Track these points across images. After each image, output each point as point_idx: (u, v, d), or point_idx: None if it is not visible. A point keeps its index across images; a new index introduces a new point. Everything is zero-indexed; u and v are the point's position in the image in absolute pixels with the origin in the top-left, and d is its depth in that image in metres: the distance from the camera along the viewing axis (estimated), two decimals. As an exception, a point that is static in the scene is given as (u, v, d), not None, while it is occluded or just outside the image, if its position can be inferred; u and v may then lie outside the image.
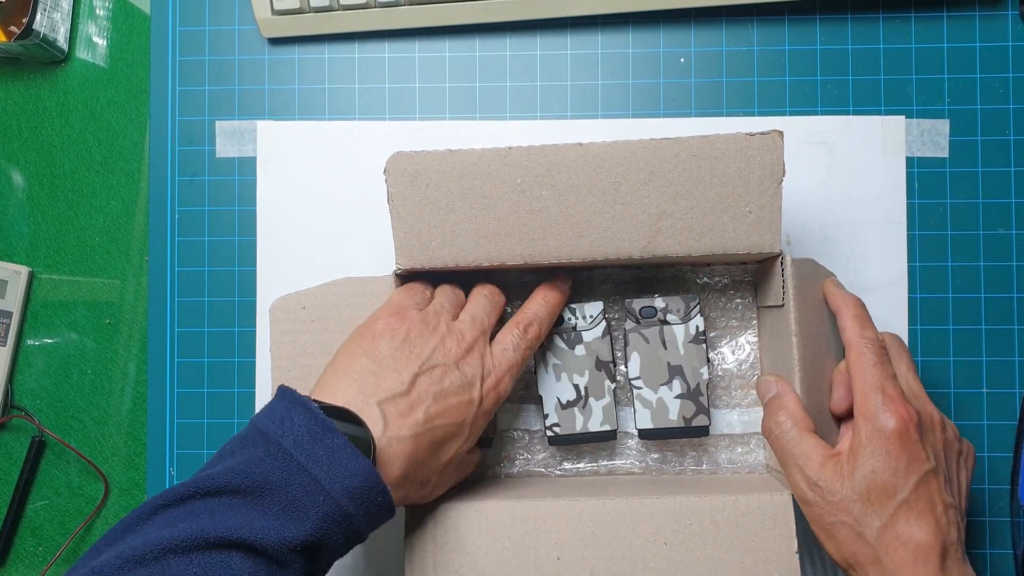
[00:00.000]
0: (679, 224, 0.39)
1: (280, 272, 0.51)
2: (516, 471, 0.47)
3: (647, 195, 0.39)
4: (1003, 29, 0.50)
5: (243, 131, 0.51)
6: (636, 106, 0.50)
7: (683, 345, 0.44)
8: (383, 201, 0.47)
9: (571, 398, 0.44)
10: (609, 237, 0.39)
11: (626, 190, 0.39)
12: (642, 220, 0.39)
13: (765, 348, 0.46)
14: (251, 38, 0.52)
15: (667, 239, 0.39)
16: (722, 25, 0.50)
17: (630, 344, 0.44)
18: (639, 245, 0.39)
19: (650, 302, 0.44)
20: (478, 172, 0.39)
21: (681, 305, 0.44)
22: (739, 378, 0.47)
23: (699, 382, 0.44)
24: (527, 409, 0.47)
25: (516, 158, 0.39)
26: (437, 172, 0.40)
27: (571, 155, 0.39)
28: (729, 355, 0.47)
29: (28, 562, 0.54)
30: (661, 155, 0.39)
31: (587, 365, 0.44)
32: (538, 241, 0.40)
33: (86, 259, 0.54)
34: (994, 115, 0.49)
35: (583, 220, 0.39)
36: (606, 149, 0.39)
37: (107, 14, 0.54)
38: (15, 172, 0.54)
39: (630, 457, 0.47)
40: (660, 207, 0.39)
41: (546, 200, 0.39)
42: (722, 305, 0.47)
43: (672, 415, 0.44)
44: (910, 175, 0.49)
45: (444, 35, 0.51)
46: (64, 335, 0.54)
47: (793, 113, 0.50)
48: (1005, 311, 0.49)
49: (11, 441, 0.54)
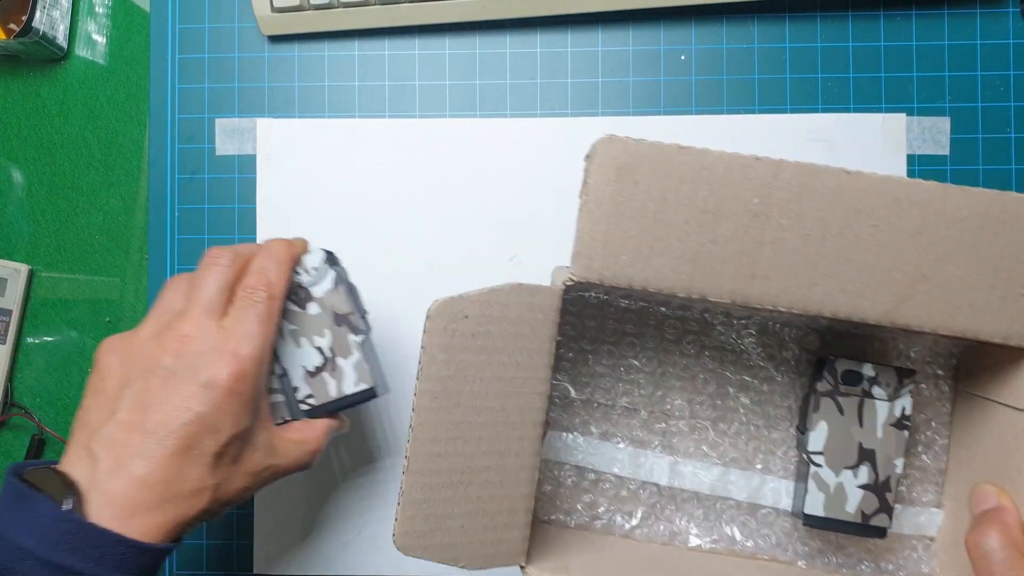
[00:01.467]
0: (936, 294, 0.32)
1: (280, 270, 0.51)
2: (617, 527, 0.41)
3: (909, 251, 0.32)
4: (1004, 26, 0.50)
5: (243, 129, 0.51)
6: (636, 104, 0.50)
7: (883, 427, 0.37)
8: (383, 199, 0.47)
9: (317, 363, 0.39)
10: (848, 292, 0.32)
11: (886, 240, 0.32)
12: (894, 280, 0.32)
13: (961, 444, 0.39)
14: (251, 36, 0.52)
15: (916, 308, 0.32)
16: (723, 23, 0.50)
17: (819, 411, 0.38)
18: (880, 309, 0.32)
19: (857, 367, 0.37)
20: (707, 179, 0.32)
21: (893, 379, 0.37)
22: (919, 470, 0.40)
23: (890, 475, 0.37)
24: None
25: (761, 172, 0.32)
26: (654, 170, 0.32)
27: (831, 182, 0.32)
28: None
29: (28, 560, 0.54)
30: (941, 206, 0.32)
31: (325, 323, 0.39)
32: (759, 279, 0.32)
33: (86, 257, 0.53)
34: (995, 113, 0.49)
35: (822, 265, 0.32)
36: (877, 184, 0.32)
37: (106, 12, 0.54)
38: (14, 170, 0.54)
39: (773, 537, 0.41)
40: (920, 268, 0.32)
41: (784, 231, 0.32)
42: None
43: (850, 507, 0.37)
44: (911, 173, 0.49)
45: (444, 32, 0.51)
46: (64, 333, 0.54)
47: (794, 110, 0.50)
48: (1006, 309, 0.49)
49: (11, 439, 0.54)
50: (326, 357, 0.39)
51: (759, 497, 0.41)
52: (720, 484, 0.41)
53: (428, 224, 0.50)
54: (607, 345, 0.42)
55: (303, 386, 0.39)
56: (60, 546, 0.31)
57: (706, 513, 0.42)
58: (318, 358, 0.39)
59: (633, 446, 0.42)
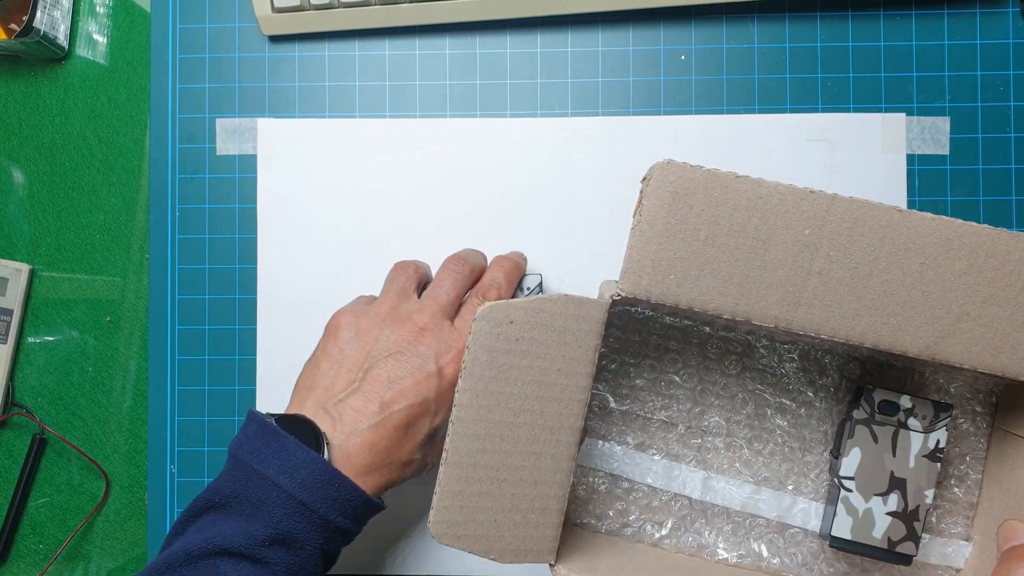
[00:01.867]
0: (978, 332, 0.33)
1: (281, 269, 0.51)
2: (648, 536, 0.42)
3: (955, 289, 0.33)
4: (1004, 26, 0.50)
5: (243, 128, 0.51)
6: (637, 103, 0.50)
7: (915, 458, 0.38)
8: (384, 199, 0.47)
9: None
10: (890, 325, 0.33)
11: (932, 277, 0.33)
12: (937, 316, 0.33)
13: (994, 480, 0.40)
14: (251, 36, 0.52)
15: (957, 345, 0.33)
16: (723, 22, 0.50)
17: (854, 437, 0.38)
18: (921, 343, 0.33)
19: (895, 398, 0.38)
20: (760, 208, 0.33)
21: (930, 412, 0.38)
22: (950, 502, 0.41)
23: (920, 504, 0.38)
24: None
25: (814, 205, 0.33)
26: (709, 196, 0.33)
27: (884, 219, 0.33)
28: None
29: (29, 560, 0.54)
30: (991, 248, 0.33)
31: None
32: (803, 307, 0.33)
33: (87, 257, 0.54)
34: (995, 112, 0.49)
35: (866, 298, 0.33)
36: (928, 224, 0.33)
37: (107, 12, 0.54)
38: (15, 170, 0.54)
39: (799, 556, 0.41)
40: (964, 307, 0.33)
41: (832, 263, 0.33)
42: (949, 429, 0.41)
43: (877, 532, 0.38)
44: (911, 172, 0.49)
45: (444, 32, 0.51)
46: (65, 333, 0.54)
47: (794, 110, 0.50)
48: (1005, 308, 0.49)
49: (12, 439, 0.54)
50: None
51: (788, 517, 0.42)
52: (751, 502, 0.42)
53: (429, 224, 0.50)
54: (649, 359, 0.43)
55: None
56: (307, 486, 0.35)
57: (735, 529, 0.42)
58: None
59: (668, 459, 0.42)
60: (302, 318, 0.51)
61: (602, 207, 0.50)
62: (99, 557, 0.54)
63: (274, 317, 0.51)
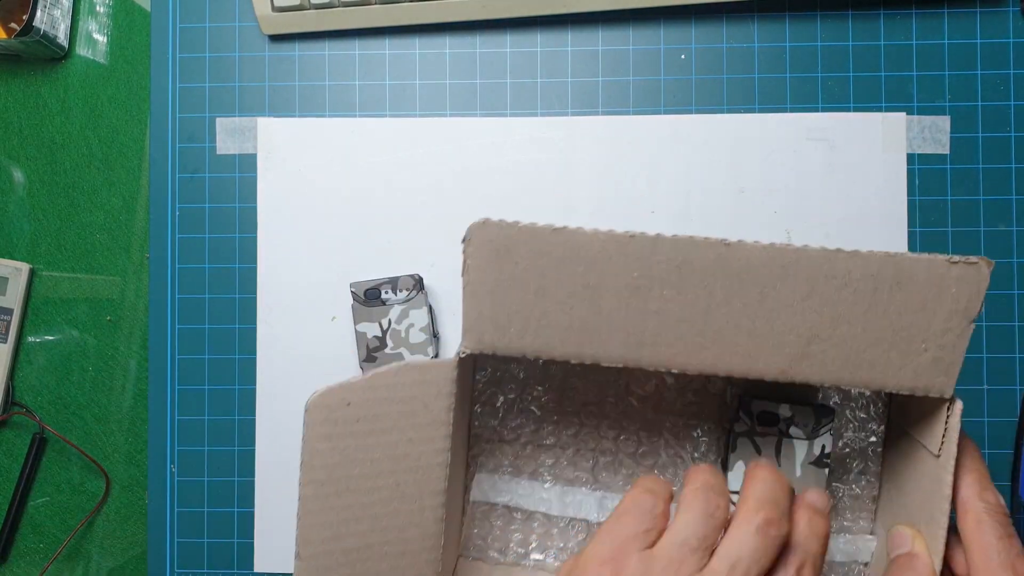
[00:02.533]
0: (832, 352, 0.33)
1: (281, 269, 0.51)
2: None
3: (799, 313, 0.33)
4: (1004, 25, 0.50)
5: (243, 128, 0.51)
6: (637, 103, 0.50)
7: (802, 466, 0.38)
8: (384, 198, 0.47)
9: None
10: (740, 354, 0.33)
11: (774, 304, 0.33)
12: (787, 341, 0.33)
13: (891, 477, 0.40)
14: (251, 35, 0.52)
15: (813, 366, 0.33)
16: (723, 22, 0.50)
17: (737, 451, 0.38)
18: (776, 368, 0.33)
19: (774, 408, 0.38)
20: (585, 259, 0.33)
21: (811, 419, 0.38)
22: (851, 498, 0.41)
23: None
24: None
25: (638, 250, 0.32)
26: (532, 250, 0.33)
27: (711, 255, 0.32)
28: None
29: (29, 559, 0.54)
30: (829, 269, 0.32)
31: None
32: (647, 347, 0.33)
33: (87, 256, 0.54)
34: (995, 112, 0.49)
35: (710, 331, 0.33)
36: (759, 253, 0.32)
37: (107, 11, 0.54)
38: (15, 169, 0.54)
39: None
40: (813, 330, 0.33)
41: (667, 302, 0.33)
42: (845, 424, 0.41)
43: None
44: (911, 172, 0.49)
45: (444, 31, 0.51)
46: (65, 332, 0.54)
47: (794, 109, 0.50)
48: (1006, 308, 0.49)
49: (12, 438, 0.54)
50: None
51: None
52: None
53: (429, 223, 0.50)
54: (536, 387, 0.42)
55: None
56: None
57: None
58: None
59: (561, 484, 0.42)
60: (302, 317, 0.51)
61: (602, 206, 0.50)
62: (99, 556, 0.54)
63: (274, 316, 0.51)
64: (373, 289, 0.48)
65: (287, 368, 0.50)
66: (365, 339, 0.48)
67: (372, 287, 0.48)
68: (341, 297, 0.50)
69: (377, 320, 0.48)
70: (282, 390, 0.51)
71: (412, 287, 0.48)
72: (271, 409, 0.51)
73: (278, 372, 0.51)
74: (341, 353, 0.50)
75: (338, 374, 0.50)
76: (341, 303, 0.50)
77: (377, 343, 0.48)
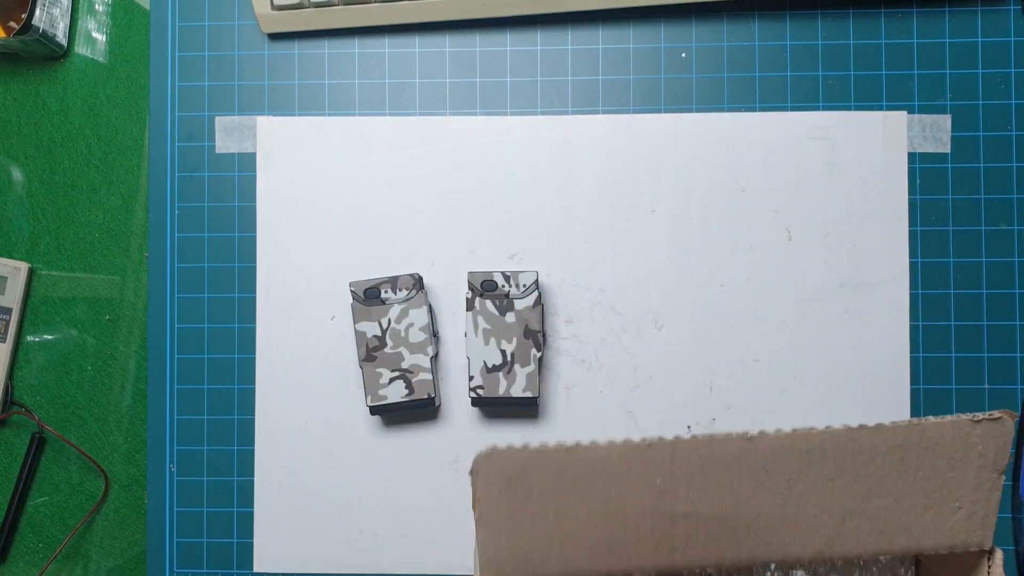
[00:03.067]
0: (867, 525, 0.33)
1: (280, 268, 0.51)
2: None
3: (830, 494, 0.33)
4: (1005, 24, 0.49)
5: (243, 127, 0.51)
6: (637, 101, 0.50)
7: None
8: (383, 197, 0.47)
9: (497, 363, 0.47)
10: (775, 544, 0.33)
11: (802, 489, 0.32)
12: (821, 522, 0.33)
13: None
14: (251, 34, 0.52)
15: (850, 542, 0.33)
16: (723, 20, 0.50)
17: None
18: (813, 550, 0.33)
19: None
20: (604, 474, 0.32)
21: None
22: None
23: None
24: None
25: (658, 456, 0.32)
26: (546, 473, 0.32)
27: (734, 449, 0.32)
28: None
29: (29, 558, 0.54)
30: (854, 448, 0.32)
31: (516, 332, 0.47)
32: (679, 551, 0.32)
33: (86, 255, 0.53)
34: (996, 111, 0.49)
35: (742, 525, 0.32)
36: (782, 442, 0.32)
37: (106, 10, 0.54)
38: (15, 168, 0.54)
39: None
40: (846, 507, 0.33)
41: (695, 503, 0.32)
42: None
43: None
44: (912, 171, 0.49)
45: (444, 30, 0.51)
46: (64, 331, 0.54)
47: (794, 108, 0.50)
48: (1007, 307, 0.49)
49: (11, 438, 0.54)
50: (506, 360, 0.47)
51: None
52: None
53: (429, 222, 0.50)
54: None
55: (478, 377, 0.47)
56: None
57: None
58: (499, 359, 0.47)
59: None
60: (301, 317, 0.50)
61: (602, 205, 0.50)
62: (99, 556, 0.54)
63: (273, 316, 0.51)
64: (373, 288, 0.48)
65: (286, 367, 0.50)
66: (365, 338, 0.48)
67: (372, 286, 0.48)
68: (340, 296, 0.50)
69: (377, 319, 0.48)
70: (281, 389, 0.50)
71: (412, 286, 0.48)
72: (270, 408, 0.50)
73: (277, 371, 0.51)
74: (340, 352, 0.50)
75: (338, 374, 0.50)
76: (340, 302, 0.50)
77: (377, 342, 0.48)
